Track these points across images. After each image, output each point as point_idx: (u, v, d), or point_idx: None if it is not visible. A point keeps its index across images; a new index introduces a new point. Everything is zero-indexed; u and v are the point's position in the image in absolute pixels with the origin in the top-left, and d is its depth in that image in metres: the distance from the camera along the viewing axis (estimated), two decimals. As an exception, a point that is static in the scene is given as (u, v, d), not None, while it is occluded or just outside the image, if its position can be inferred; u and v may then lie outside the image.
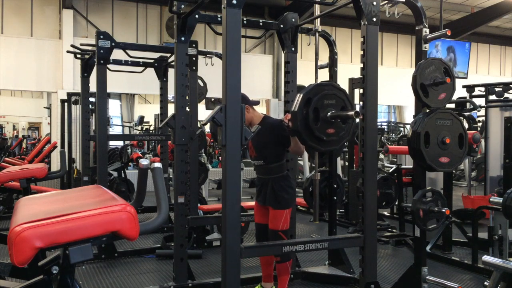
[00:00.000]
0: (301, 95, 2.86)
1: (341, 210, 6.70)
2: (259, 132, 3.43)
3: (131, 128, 14.36)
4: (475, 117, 6.82)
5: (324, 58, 4.16)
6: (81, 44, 5.76)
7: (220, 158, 11.15)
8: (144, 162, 1.90)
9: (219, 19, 3.88)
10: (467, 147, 3.34)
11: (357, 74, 3.79)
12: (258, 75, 11.47)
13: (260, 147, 3.47)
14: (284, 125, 3.27)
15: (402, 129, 15.94)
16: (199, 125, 5.56)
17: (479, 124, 8.33)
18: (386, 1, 3.30)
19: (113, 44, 4.74)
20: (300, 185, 6.42)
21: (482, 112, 7.14)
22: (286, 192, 3.43)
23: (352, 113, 2.81)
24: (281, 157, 3.45)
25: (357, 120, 3.14)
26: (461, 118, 4.83)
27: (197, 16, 3.73)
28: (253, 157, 3.56)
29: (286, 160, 3.93)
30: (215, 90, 5.53)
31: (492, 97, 6.92)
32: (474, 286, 4.13)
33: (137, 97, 17.65)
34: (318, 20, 4.06)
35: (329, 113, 2.87)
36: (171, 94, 5.83)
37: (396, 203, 5.75)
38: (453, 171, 7.41)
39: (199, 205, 5.13)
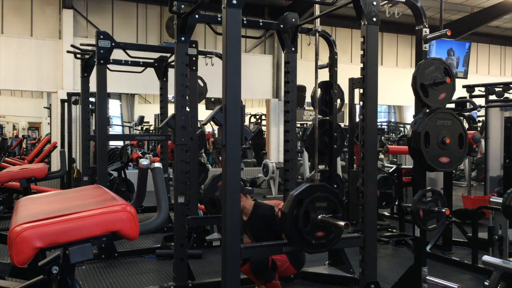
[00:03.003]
0: (293, 195, 2.77)
1: (341, 210, 6.68)
2: (252, 223, 3.54)
3: (131, 128, 14.37)
4: (475, 117, 6.83)
5: (324, 58, 4.15)
6: (81, 44, 5.76)
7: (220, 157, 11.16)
8: (144, 162, 1.90)
9: (219, 19, 3.88)
10: (467, 147, 3.34)
11: (357, 74, 3.79)
12: (258, 75, 11.47)
13: (258, 237, 3.56)
14: (275, 214, 3.28)
15: (402, 129, 15.95)
16: (199, 125, 5.56)
17: (479, 124, 8.34)
18: (386, 1, 3.30)
19: (113, 44, 4.74)
20: (300, 185, 6.41)
21: (482, 112, 7.14)
22: (299, 257, 3.53)
23: (342, 224, 2.67)
24: (280, 235, 3.40)
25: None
26: (461, 118, 4.83)
27: (197, 16, 3.72)
28: None
29: (286, 160, 3.93)
30: (215, 90, 5.54)
31: (492, 97, 6.92)
32: (474, 286, 4.13)
33: (137, 97, 17.66)
34: (318, 20, 4.05)
35: (319, 216, 2.76)
36: (171, 94, 5.83)
37: (396, 203, 5.75)
38: (453, 171, 7.41)
39: (199, 205, 5.13)
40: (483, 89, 7.00)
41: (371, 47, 3.00)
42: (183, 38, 3.68)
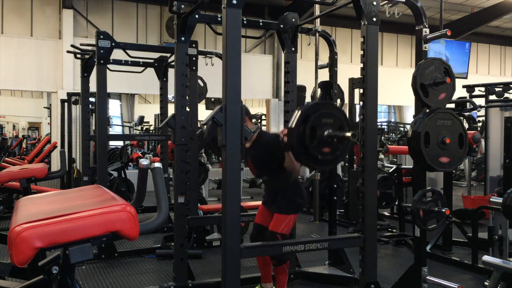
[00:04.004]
0: (300, 111, 2.81)
1: (341, 210, 6.70)
2: (255, 149, 3.45)
3: (131, 128, 14.36)
4: (475, 117, 6.82)
5: (324, 58, 4.16)
6: (81, 44, 5.76)
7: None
8: (144, 162, 1.89)
9: (219, 19, 3.88)
10: (467, 147, 3.34)
11: (357, 74, 3.79)
12: (258, 75, 11.47)
13: (258, 164, 3.52)
14: (279, 141, 3.24)
15: (402, 129, 15.95)
16: (199, 125, 5.56)
17: (479, 124, 8.34)
18: (386, 1, 3.30)
19: (113, 44, 4.74)
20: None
21: (482, 112, 7.15)
22: (300, 197, 3.45)
23: (349, 134, 2.73)
24: (283, 168, 3.40)
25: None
26: (461, 118, 4.83)
27: (197, 16, 3.73)
28: (255, 174, 3.61)
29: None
30: (215, 90, 5.53)
31: (492, 97, 6.92)
32: (474, 286, 4.13)
33: (137, 97, 17.65)
34: (318, 20, 4.06)
35: (326, 132, 2.80)
36: (171, 94, 5.83)
37: (396, 203, 5.75)
38: (453, 171, 7.41)
39: (199, 205, 5.13)
40: (483, 89, 7.00)
41: (371, 47, 3.00)
42: (183, 38, 3.68)
